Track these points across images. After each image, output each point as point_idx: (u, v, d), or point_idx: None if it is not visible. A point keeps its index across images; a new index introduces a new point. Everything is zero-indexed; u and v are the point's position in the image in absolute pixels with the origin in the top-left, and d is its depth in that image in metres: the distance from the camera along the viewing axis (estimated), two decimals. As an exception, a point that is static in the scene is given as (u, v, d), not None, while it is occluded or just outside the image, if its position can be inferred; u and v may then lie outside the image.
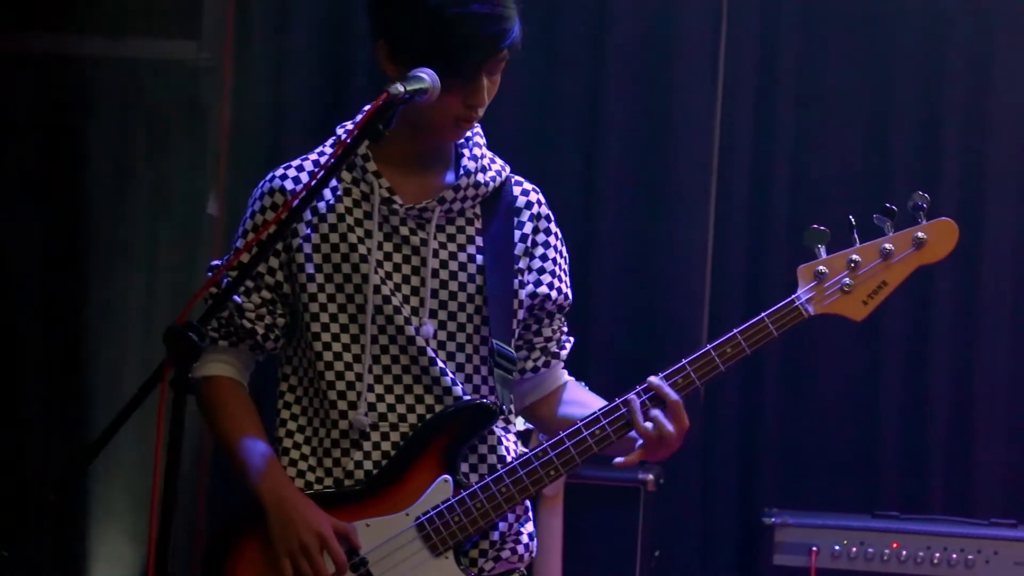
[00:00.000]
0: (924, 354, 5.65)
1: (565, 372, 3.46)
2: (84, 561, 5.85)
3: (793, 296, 3.23)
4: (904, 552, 5.02)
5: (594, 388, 3.56)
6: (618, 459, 3.23)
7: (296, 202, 3.00)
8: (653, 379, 3.20)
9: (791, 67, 5.77)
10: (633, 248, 5.78)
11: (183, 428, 2.69)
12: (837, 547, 5.03)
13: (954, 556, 4.99)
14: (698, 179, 5.78)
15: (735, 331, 3.22)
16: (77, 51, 5.92)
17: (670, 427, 3.19)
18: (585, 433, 3.19)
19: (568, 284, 3.40)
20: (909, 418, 5.65)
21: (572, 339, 3.46)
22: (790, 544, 5.07)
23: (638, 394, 3.20)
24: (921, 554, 5.01)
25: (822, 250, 3.23)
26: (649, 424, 3.18)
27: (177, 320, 2.73)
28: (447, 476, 3.20)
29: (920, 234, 3.22)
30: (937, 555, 5.00)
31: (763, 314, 3.23)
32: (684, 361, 3.21)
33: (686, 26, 5.77)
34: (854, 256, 3.22)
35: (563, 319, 3.42)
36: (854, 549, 5.03)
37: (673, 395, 3.19)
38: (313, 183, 3.01)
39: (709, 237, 5.78)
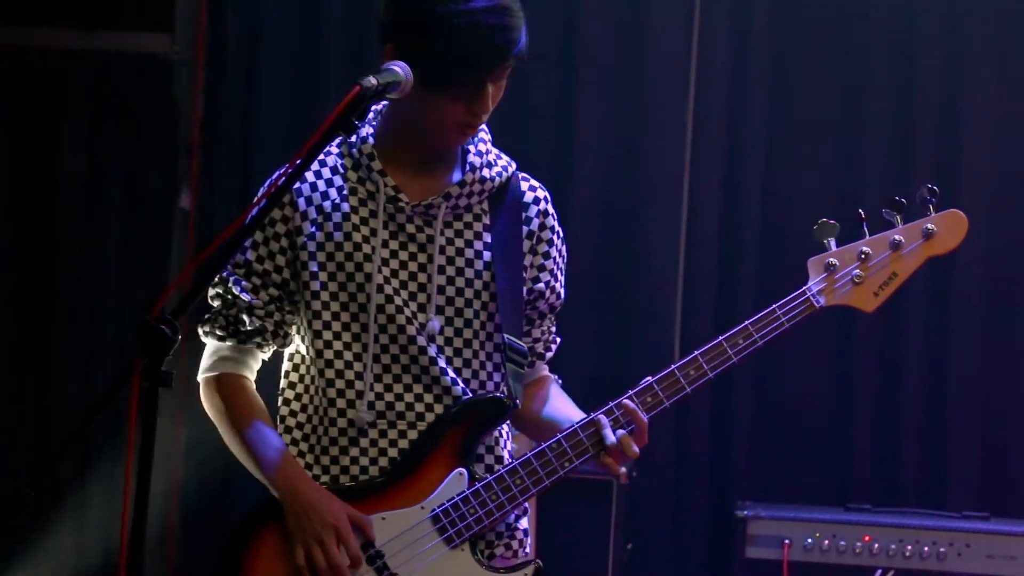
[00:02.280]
0: (897, 349, 5.67)
1: (545, 367, 3.47)
2: (56, 555, 5.83)
3: (804, 287, 3.24)
4: (876, 545, 5.03)
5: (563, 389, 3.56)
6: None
7: (273, 190, 3.00)
8: (628, 402, 3.22)
9: (763, 66, 5.78)
10: (605, 252, 5.78)
11: (156, 422, 2.68)
12: (809, 540, 5.04)
13: (926, 549, 5.01)
14: (670, 181, 5.78)
15: (746, 322, 3.23)
16: (50, 44, 5.91)
17: (635, 448, 3.22)
18: (582, 435, 3.22)
19: (563, 284, 3.42)
20: (881, 412, 5.67)
21: (559, 339, 3.47)
22: (763, 537, 5.08)
23: (609, 411, 3.22)
24: (893, 547, 5.02)
25: (832, 243, 3.24)
26: (613, 440, 3.20)
27: (150, 313, 2.72)
28: (462, 469, 3.22)
29: (929, 225, 3.25)
30: (909, 548, 5.01)
31: (774, 305, 3.23)
32: (696, 353, 3.24)
33: (658, 26, 5.77)
34: (864, 248, 3.24)
35: (553, 319, 3.44)
36: (826, 542, 5.04)
37: (643, 419, 3.22)
38: (290, 171, 3.00)
39: (681, 240, 5.79)
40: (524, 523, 3.37)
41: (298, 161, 3.01)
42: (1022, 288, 5.66)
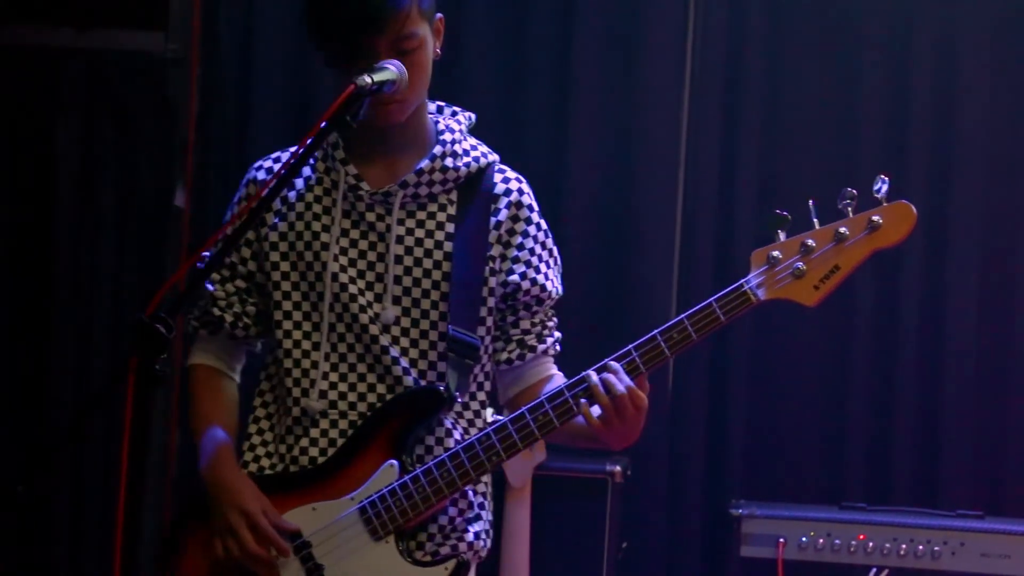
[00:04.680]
0: (891, 346, 5.66)
1: (553, 367, 3.43)
2: (51, 552, 5.83)
3: (742, 280, 3.17)
4: (871, 543, 5.03)
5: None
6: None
7: (266, 191, 3.02)
8: (594, 374, 3.14)
9: (759, 63, 5.77)
10: (601, 243, 5.78)
11: (151, 420, 2.68)
12: (804, 538, 5.05)
13: (920, 547, 5.01)
14: (666, 176, 5.78)
15: (682, 316, 3.16)
16: (43, 42, 5.89)
17: (620, 387, 3.10)
18: (528, 418, 3.18)
19: (549, 277, 3.37)
20: (876, 410, 5.67)
21: (558, 334, 3.43)
22: (757, 536, 5.08)
23: (580, 380, 3.16)
24: (888, 545, 5.02)
25: (781, 235, 3.19)
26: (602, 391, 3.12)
27: (145, 312, 2.72)
28: (393, 461, 3.21)
29: (875, 217, 3.16)
30: (904, 546, 5.01)
31: (711, 299, 3.17)
32: (630, 347, 3.17)
33: (653, 20, 5.76)
34: (808, 240, 3.17)
35: (548, 313, 3.40)
36: (821, 540, 5.04)
37: (604, 397, 3.12)
38: (283, 172, 3.02)
39: (676, 236, 5.78)
40: (477, 525, 3.34)
41: (295, 158, 3.03)
42: (1016, 287, 5.65)
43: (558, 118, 5.78)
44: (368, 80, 3.02)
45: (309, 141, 2.99)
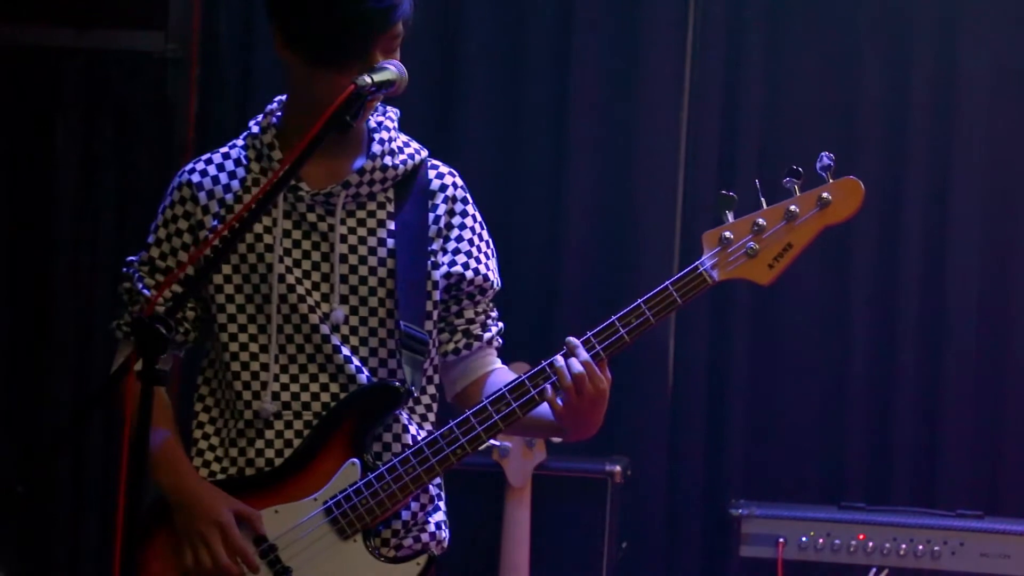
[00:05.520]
0: (891, 346, 5.66)
1: (496, 359, 3.45)
2: (51, 551, 5.83)
3: (697, 263, 3.19)
4: (871, 543, 5.03)
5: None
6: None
7: (265, 192, 3.00)
8: (557, 359, 3.15)
9: (759, 62, 5.76)
10: (601, 243, 5.78)
11: (151, 419, 2.68)
12: (804, 538, 5.04)
13: (920, 547, 5.01)
14: (666, 176, 5.77)
15: (639, 300, 3.17)
16: (43, 42, 5.89)
17: (578, 366, 3.11)
18: (491, 409, 3.18)
19: (489, 267, 3.39)
20: (876, 410, 5.66)
21: (500, 324, 3.45)
22: (757, 535, 5.08)
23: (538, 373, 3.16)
24: (888, 545, 5.02)
25: (729, 216, 3.21)
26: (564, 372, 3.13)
27: (144, 312, 2.72)
28: (355, 459, 3.21)
29: (825, 194, 3.19)
30: (903, 546, 5.01)
31: (667, 282, 3.19)
32: (589, 334, 3.17)
33: (653, 20, 5.76)
34: (759, 220, 3.20)
35: (489, 303, 3.41)
36: (821, 540, 5.04)
37: (567, 380, 3.12)
38: (276, 180, 3.01)
39: (676, 236, 5.77)
40: (438, 516, 3.35)
41: (297, 156, 3.02)
42: (1016, 287, 5.64)
43: (558, 118, 5.78)
44: (368, 80, 3.01)
45: (305, 143, 2.98)
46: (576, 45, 5.76)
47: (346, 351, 3.23)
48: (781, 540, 5.05)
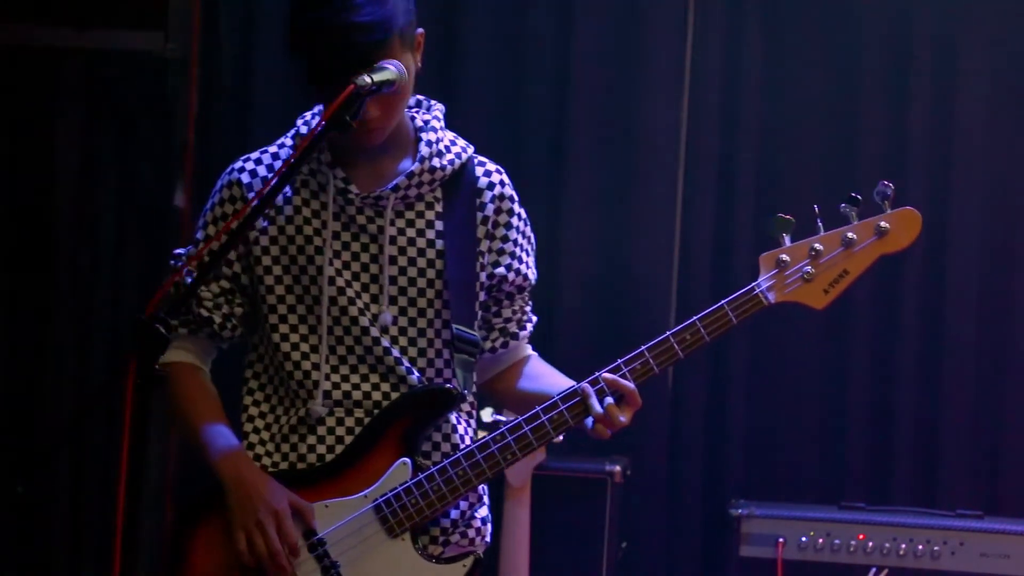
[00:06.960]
0: (891, 346, 5.66)
1: (528, 347, 3.49)
2: (51, 552, 5.83)
3: (754, 284, 3.23)
4: (871, 543, 5.03)
5: (559, 369, 3.55)
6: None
7: (266, 190, 3.01)
8: (607, 375, 3.22)
9: (758, 63, 5.76)
10: (601, 240, 5.77)
11: (149, 419, 2.68)
12: (804, 538, 5.05)
13: (920, 547, 5.01)
14: (665, 171, 5.77)
15: (694, 318, 3.23)
16: (43, 42, 5.89)
17: (622, 418, 3.21)
18: (543, 418, 3.22)
19: (530, 264, 3.42)
20: (875, 410, 5.66)
21: (535, 318, 3.48)
22: (757, 535, 5.08)
23: (594, 382, 3.22)
24: (887, 545, 5.03)
25: (786, 239, 3.24)
26: (600, 410, 3.20)
27: (144, 312, 2.72)
28: (406, 459, 3.24)
29: (883, 223, 3.22)
30: (903, 546, 5.02)
31: (723, 301, 3.23)
32: (643, 348, 3.24)
33: (653, 20, 5.76)
34: (816, 245, 3.22)
35: (525, 299, 3.44)
36: (821, 540, 5.04)
37: (629, 386, 3.21)
38: (276, 178, 3.02)
39: (676, 236, 5.78)
40: (483, 511, 3.39)
41: (296, 154, 3.02)
42: (1016, 287, 5.65)
43: (558, 118, 5.78)
44: (368, 80, 3.02)
45: (307, 142, 2.99)
46: (577, 45, 5.77)
47: (396, 352, 3.26)
48: (781, 540, 5.05)
